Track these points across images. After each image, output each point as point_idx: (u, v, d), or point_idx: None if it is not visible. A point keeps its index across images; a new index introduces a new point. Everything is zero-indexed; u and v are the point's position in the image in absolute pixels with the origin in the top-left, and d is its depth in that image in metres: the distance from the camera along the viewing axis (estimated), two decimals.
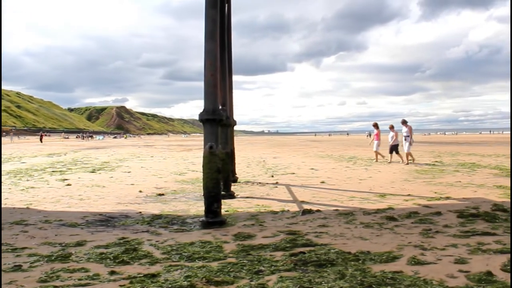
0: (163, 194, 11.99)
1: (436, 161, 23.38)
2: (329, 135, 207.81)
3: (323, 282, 4.62)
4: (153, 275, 4.91)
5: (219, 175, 8.29)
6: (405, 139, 22.55)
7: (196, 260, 5.54)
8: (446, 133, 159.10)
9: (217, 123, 8.31)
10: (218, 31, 8.88)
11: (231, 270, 5.10)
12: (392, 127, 24.04)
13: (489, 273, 4.85)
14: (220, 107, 11.78)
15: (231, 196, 11.40)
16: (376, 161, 24.07)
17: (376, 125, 25.72)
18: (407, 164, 21.53)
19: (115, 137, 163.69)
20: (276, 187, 13.61)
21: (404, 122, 23.08)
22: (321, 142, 75.07)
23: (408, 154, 22.12)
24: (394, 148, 23.06)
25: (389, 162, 22.70)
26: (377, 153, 24.79)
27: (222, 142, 11.44)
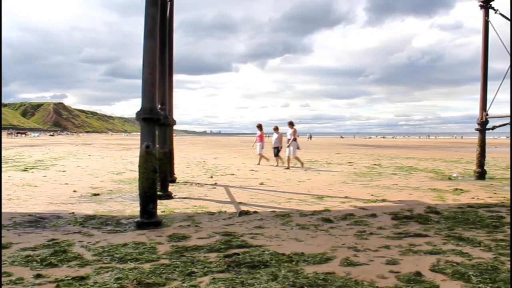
0: (98, 194, 11.68)
1: (375, 164, 23.94)
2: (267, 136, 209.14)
3: (255, 284, 4.63)
4: (82, 278, 4.75)
5: (156, 175, 8.16)
6: (287, 142, 22.04)
7: (128, 262, 5.42)
8: (385, 136, 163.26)
9: (155, 122, 8.18)
10: (158, 29, 8.74)
11: (163, 271, 5.01)
12: (276, 129, 23.33)
13: (418, 274, 5.00)
14: (159, 106, 11.65)
15: (169, 196, 11.26)
16: (258, 164, 23.35)
17: (260, 127, 24.60)
18: (288, 168, 21.05)
19: (51, 135, 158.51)
20: (215, 188, 13.56)
21: (291, 124, 22.30)
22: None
23: (289, 158, 21.71)
24: (276, 151, 22.73)
25: (276, 166, 22.06)
26: (261, 155, 24.00)
27: (160, 141, 11.31)
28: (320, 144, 68.97)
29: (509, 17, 15.56)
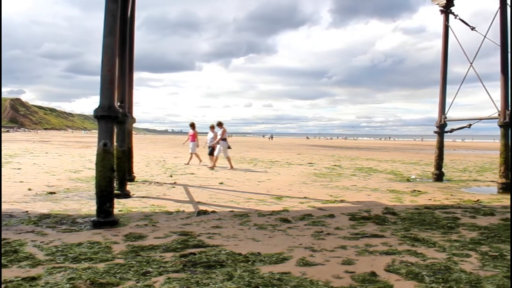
0: (54, 193, 11.43)
1: (335, 165, 24.13)
2: (229, 136, 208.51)
3: (210, 283, 4.63)
4: (33, 278, 4.65)
5: (113, 173, 8.05)
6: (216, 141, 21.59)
7: (82, 262, 5.33)
8: (347, 138, 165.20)
9: (113, 120, 8.06)
10: (119, 26, 8.62)
11: (117, 271, 4.96)
12: (212, 127, 22.49)
13: (373, 274, 5.09)
14: (118, 104, 11.49)
15: (127, 195, 11.11)
16: (188, 164, 22.50)
17: (192, 125, 23.65)
18: (212, 168, 20.49)
19: (7, 131, 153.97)
20: (174, 187, 13.46)
21: (220, 124, 21.75)
22: None
23: (217, 158, 21.32)
24: (211, 150, 22.14)
25: (211, 168, 20.76)
26: (193, 155, 23.25)
27: (119, 139, 11.15)
28: (282, 145, 69.22)
29: (468, 23, 15.91)
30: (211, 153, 22.01)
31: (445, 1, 16.51)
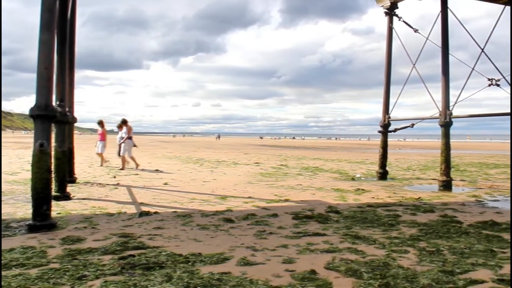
0: None
1: (282, 165, 24.27)
2: (181, 135, 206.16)
3: (148, 285, 4.54)
4: None
5: (50, 175, 7.78)
6: (123, 141, 20.68)
7: (13, 268, 5.07)
8: (295, 137, 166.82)
9: (50, 119, 7.79)
10: (56, 21, 8.34)
11: (51, 276, 4.77)
12: (120, 126, 21.19)
13: (313, 272, 5.11)
14: (57, 102, 11.16)
15: (67, 197, 10.78)
16: (101, 165, 21.28)
17: (101, 123, 22.31)
18: (122, 169, 19.59)
19: None
20: (117, 188, 13.18)
21: (125, 122, 21.03)
22: (171, 143, 74.74)
23: (124, 158, 20.31)
24: (119, 150, 20.97)
25: (121, 169, 19.64)
26: (101, 155, 22.05)
27: (59, 140, 10.81)
28: (229, 144, 69.19)
29: (412, 25, 16.25)
30: (119, 153, 20.89)
31: (389, 3, 16.79)
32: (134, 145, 21.14)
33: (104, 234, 7.03)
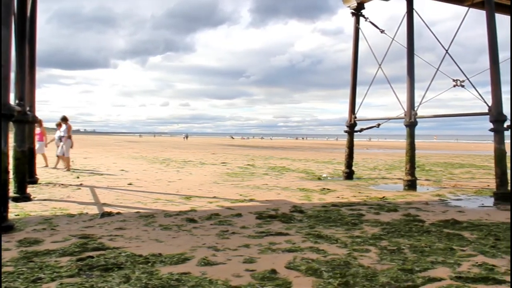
0: None
1: (249, 165, 24.25)
2: (151, 135, 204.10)
3: (106, 287, 4.46)
4: None
5: (7, 175, 7.55)
6: (61, 140, 19.57)
7: None
8: (263, 137, 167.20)
9: (7, 118, 7.58)
10: (12, 18, 8.12)
11: (4, 280, 4.63)
12: (59, 124, 20.22)
13: (273, 271, 5.10)
14: (17, 101, 10.91)
15: (26, 198, 10.51)
16: (46, 166, 19.89)
17: (39, 122, 19.17)
18: (55, 168, 19.20)
19: None
20: (80, 189, 12.94)
21: (65, 120, 20.02)
22: (138, 143, 74.02)
23: (63, 158, 19.36)
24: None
25: (67, 170, 18.75)
26: (44, 156, 20.50)
27: (18, 140, 10.55)
28: (197, 144, 68.91)
29: (381, 26, 16.38)
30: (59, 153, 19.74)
31: (356, 4, 16.88)
32: (71, 146, 19.77)
33: (63, 235, 6.89)
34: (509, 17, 19.05)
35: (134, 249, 6.01)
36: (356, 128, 17.65)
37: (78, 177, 15.94)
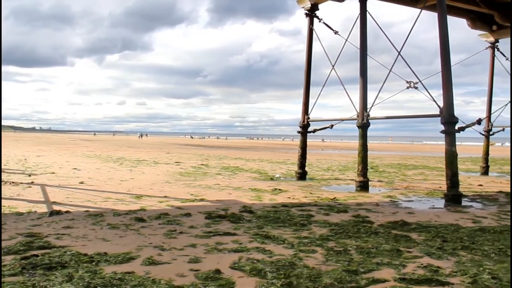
0: None
1: (202, 164, 24.25)
2: (110, 134, 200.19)
3: (48, 286, 4.53)
4: None
5: None
6: None
7: None
8: (219, 137, 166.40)
9: None
10: None
11: None
12: None
13: (217, 271, 5.21)
14: None
15: None
16: None
17: None
18: None
19: None
20: (30, 187, 12.80)
21: None
22: (93, 141, 72.82)
23: None
24: None
25: None
26: None
27: None
28: (153, 143, 68.31)
29: (336, 27, 16.55)
30: None
31: (310, 5, 17.02)
32: None
33: (10, 233, 6.89)
34: (464, 20, 19.86)
35: (80, 248, 6.08)
36: (310, 129, 17.71)
37: (29, 175, 15.73)
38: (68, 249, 5.99)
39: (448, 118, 12.09)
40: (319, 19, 17.07)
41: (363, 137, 14.82)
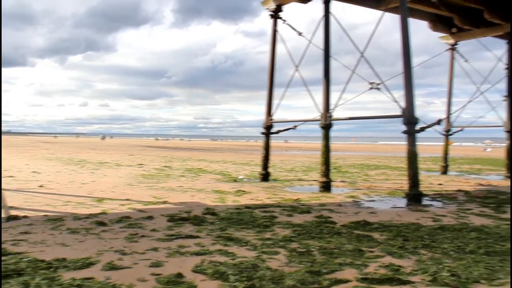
0: None
1: (165, 166, 24.04)
2: (75, 136, 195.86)
3: None
4: None
5: None
6: None
7: None
8: (183, 139, 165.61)
9: None
10: None
11: None
12: None
13: (179, 275, 5.14)
14: None
15: None
16: None
17: None
18: None
19: None
20: None
21: None
22: (54, 143, 71.41)
23: None
24: None
25: None
26: None
27: None
28: (115, 145, 67.41)
29: (301, 29, 16.62)
30: None
31: (274, 6, 17.04)
32: None
33: None
34: (425, 22, 20.29)
35: (38, 254, 5.91)
36: (273, 130, 17.71)
37: None
38: (25, 256, 5.80)
39: (410, 119, 12.32)
40: (283, 20, 17.12)
41: (326, 138, 14.93)
